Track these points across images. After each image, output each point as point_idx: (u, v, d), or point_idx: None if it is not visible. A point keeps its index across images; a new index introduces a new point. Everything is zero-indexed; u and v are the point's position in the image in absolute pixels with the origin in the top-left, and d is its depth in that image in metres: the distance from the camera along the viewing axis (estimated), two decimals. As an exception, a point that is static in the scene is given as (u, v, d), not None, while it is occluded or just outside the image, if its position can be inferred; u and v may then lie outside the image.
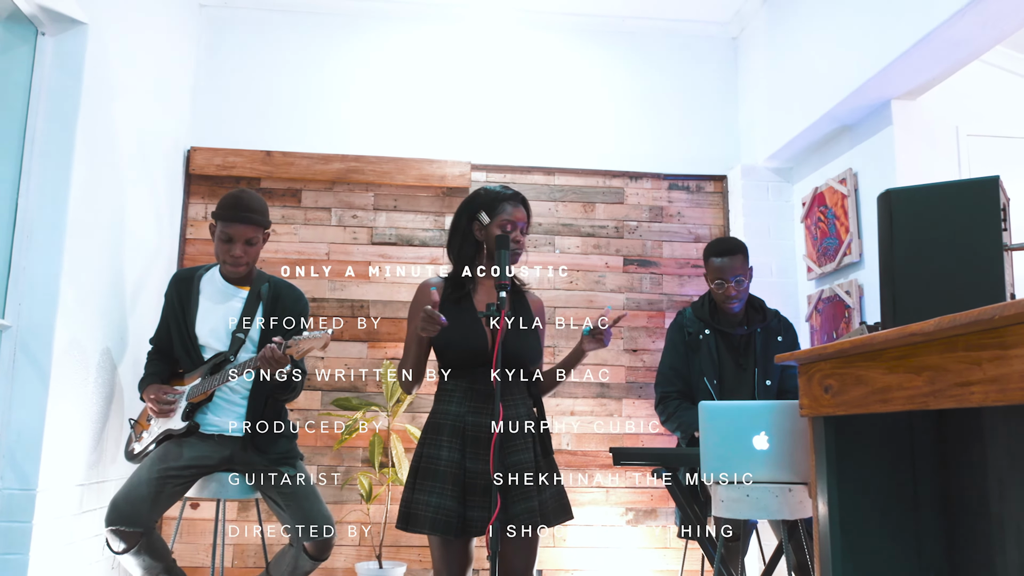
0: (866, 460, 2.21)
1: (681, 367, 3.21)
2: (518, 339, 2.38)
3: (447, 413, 2.32)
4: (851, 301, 3.67)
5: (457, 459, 2.26)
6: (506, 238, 2.28)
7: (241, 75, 4.38)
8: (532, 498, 2.25)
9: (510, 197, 2.43)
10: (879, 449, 2.24)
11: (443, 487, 2.23)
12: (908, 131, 3.47)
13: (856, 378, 1.95)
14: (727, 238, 3.26)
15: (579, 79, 4.57)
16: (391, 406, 3.93)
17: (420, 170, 4.28)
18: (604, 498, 4.20)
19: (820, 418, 2.16)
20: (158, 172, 3.87)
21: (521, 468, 2.28)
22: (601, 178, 4.47)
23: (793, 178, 4.37)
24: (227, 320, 2.93)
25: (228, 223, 2.84)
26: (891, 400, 1.82)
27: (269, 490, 2.91)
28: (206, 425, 2.89)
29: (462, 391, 2.32)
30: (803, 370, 2.19)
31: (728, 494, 2.54)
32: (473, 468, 2.25)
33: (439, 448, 2.28)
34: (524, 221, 2.44)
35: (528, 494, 2.27)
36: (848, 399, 1.99)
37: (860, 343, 1.84)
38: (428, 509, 2.22)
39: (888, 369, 1.81)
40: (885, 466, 2.24)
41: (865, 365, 1.90)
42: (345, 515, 4.05)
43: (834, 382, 2.07)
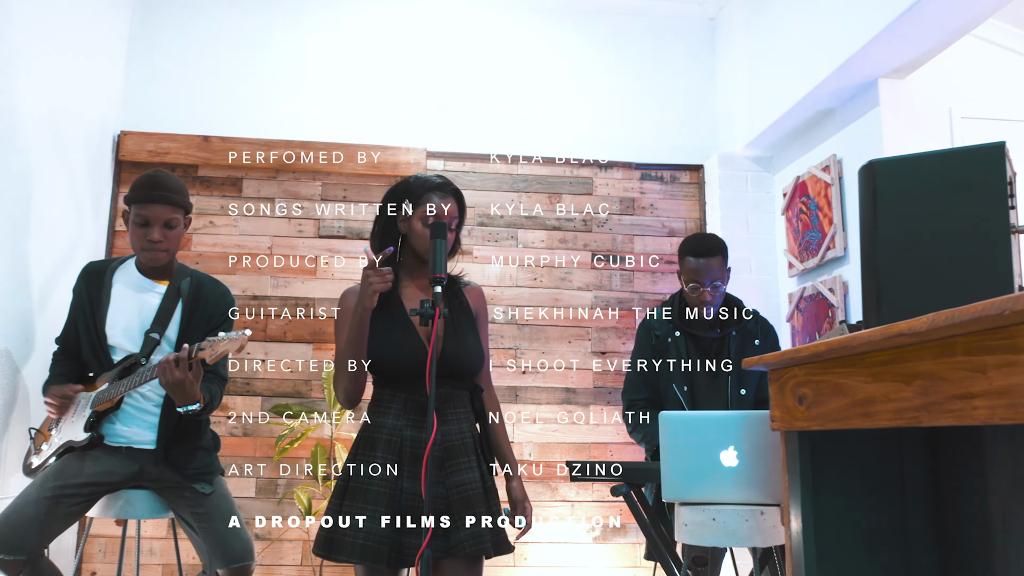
0: (847, 480, 1.96)
1: (649, 373, 3.03)
2: (457, 343, 2.13)
3: (382, 426, 2.09)
4: (835, 299, 3.42)
5: (392, 477, 2.03)
6: (442, 226, 2.00)
7: (177, 53, 4.11)
8: (484, 520, 2.05)
9: (438, 187, 2.17)
10: (863, 467, 1.99)
11: (375, 509, 2.00)
12: (896, 113, 3.24)
13: (834, 387, 1.68)
14: (706, 236, 3.04)
15: (544, 61, 4.34)
16: (335, 413, 3.64)
17: (372, 157, 4.04)
18: (569, 512, 3.95)
19: (794, 433, 1.89)
20: (79, 158, 3.57)
21: (465, 489, 2.06)
22: (568, 167, 4.24)
23: (774, 167, 4.17)
24: (141, 317, 2.65)
25: (143, 204, 2.57)
26: (875, 414, 1.53)
27: (181, 510, 2.63)
28: (113, 436, 2.60)
29: (400, 402, 2.10)
30: (774, 377, 1.95)
31: (692, 517, 2.27)
32: (411, 488, 2.02)
33: (372, 465, 2.06)
34: (455, 216, 2.17)
35: (480, 516, 2.05)
36: (825, 412, 1.72)
37: (838, 345, 1.55)
38: (357, 535, 1.98)
39: (872, 377, 1.54)
40: (869, 487, 1.99)
41: (844, 372, 1.64)
42: (285, 532, 3.75)
43: (809, 391, 1.79)
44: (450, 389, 2.11)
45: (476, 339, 2.19)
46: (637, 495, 2.63)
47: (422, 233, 2.11)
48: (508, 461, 2.23)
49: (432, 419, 1.81)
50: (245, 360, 3.87)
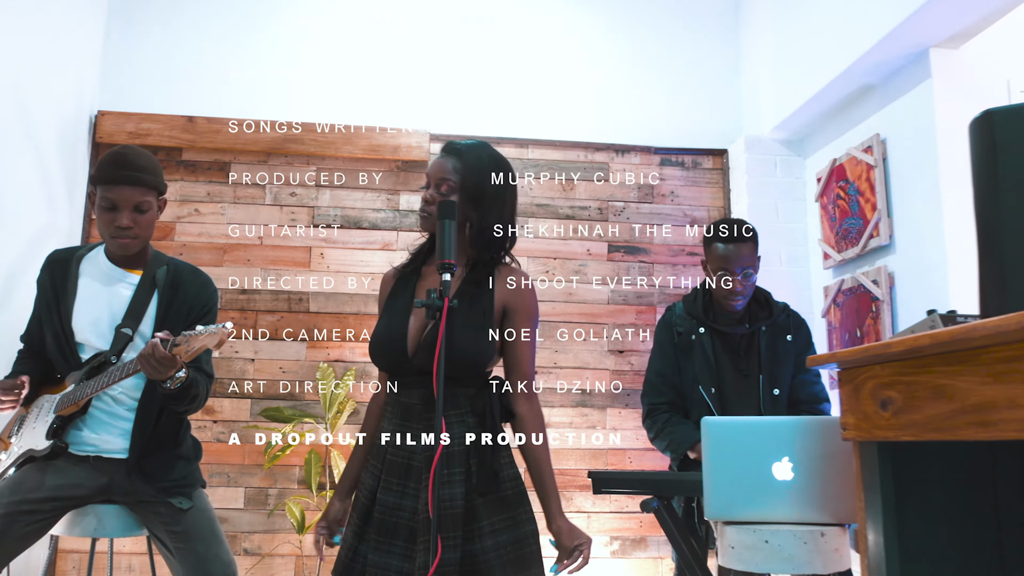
0: (933, 498, 1.66)
1: (671, 374, 2.83)
2: (461, 335, 1.82)
3: (381, 429, 1.92)
4: (879, 292, 3.14)
5: (371, 486, 1.86)
6: (449, 205, 1.76)
7: (159, 27, 3.88)
8: (453, 547, 1.75)
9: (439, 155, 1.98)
10: (949, 483, 1.69)
11: (353, 518, 1.87)
12: (950, 86, 2.98)
13: (935, 389, 1.41)
14: (734, 220, 2.82)
15: (557, 37, 4.12)
16: (330, 417, 3.37)
17: (371, 141, 3.81)
18: (585, 525, 3.69)
19: (872, 443, 1.61)
20: (49, 140, 3.32)
21: (443, 506, 1.77)
22: (582, 151, 4.01)
23: (805, 151, 3.94)
24: (111, 311, 2.40)
25: (109, 186, 2.31)
26: (996, 423, 1.27)
27: (155, 528, 2.37)
28: (80, 444, 2.34)
29: (392, 402, 1.90)
30: (847, 377, 1.65)
31: (740, 539, 2.00)
32: (384, 500, 1.81)
33: (368, 472, 1.90)
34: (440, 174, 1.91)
35: (448, 542, 1.75)
36: (920, 419, 1.45)
37: (950, 337, 1.27)
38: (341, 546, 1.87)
39: (993, 377, 1.27)
40: (958, 507, 1.74)
41: (951, 371, 1.37)
42: (277, 546, 3.49)
43: (897, 395, 1.51)
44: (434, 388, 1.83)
45: (481, 335, 1.87)
46: (667, 509, 2.39)
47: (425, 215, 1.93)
48: (548, 496, 1.88)
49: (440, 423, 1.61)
50: (233, 359, 3.60)
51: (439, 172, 1.90)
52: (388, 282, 2.01)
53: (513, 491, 1.86)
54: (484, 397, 1.89)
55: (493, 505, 1.82)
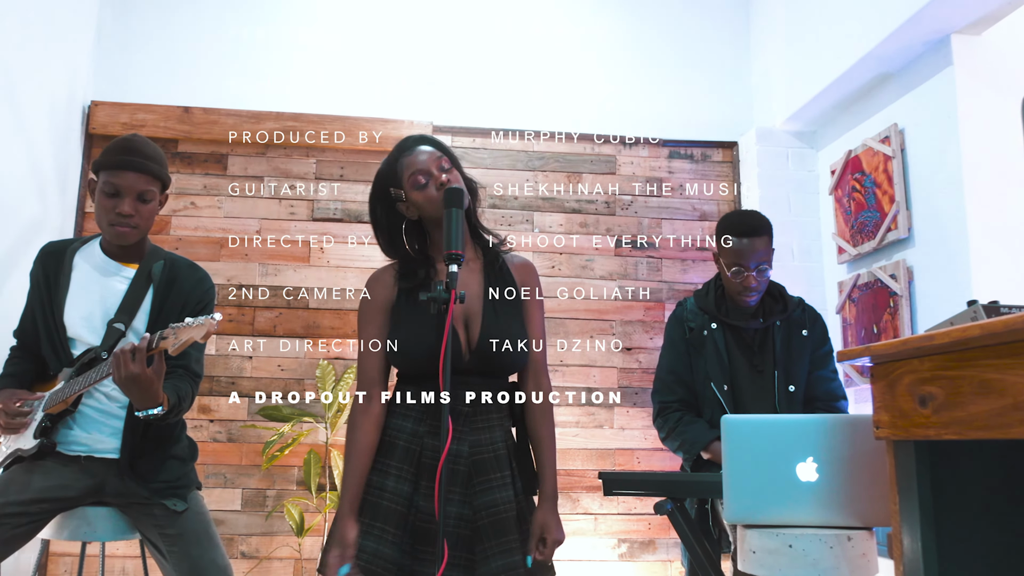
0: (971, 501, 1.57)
1: (682, 371, 2.74)
2: (498, 330, 1.81)
3: (401, 430, 1.84)
4: (898, 287, 3.05)
5: (406, 493, 1.77)
6: (457, 193, 1.71)
7: (155, 15, 3.80)
8: (513, 551, 1.73)
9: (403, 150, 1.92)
10: (990, 484, 1.60)
11: (383, 528, 1.74)
12: (972, 74, 2.88)
13: (981, 384, 1.34)
14: (749, 212, 2.74)
15: (563, 26, 4.04)
16: (330, 416, 3.29)
17: (372, 131, 3.73)
18: (592, 527, 3.60)
19: (908, 443, 1.51)
20: (41, 130, 3.23)
21: (496, 510, 1.74)
22: (589, 144, 3.93)
23: (819, 143, 3.86)
24: (104, 305, 2.31)
25: (114, 171, 2.23)
26: None
27: (148, 531, 2.29)
28: (70, 444, 2.26)
29: (421, 404, 1.83)
30: (880, 372, 1.56)
31: (762, 543, 1.92)
32: (427, 507, 1.75)
33: (386, 476, 1.80)
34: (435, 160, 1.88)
35: (508, 546, 1.72)
36: (964, 416, 1.37)
37: (1003, 328, 1.18)
38: (360, 556, 1.73)
39: None
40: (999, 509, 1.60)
41: (1002, 364, 1.30)
42: (275, 549, 3.40)
43: (938, 390, 1.43)
44: (481, 389, 1.79)
45: (521, 326, 1.86)
46: (681, 511, 2.32)
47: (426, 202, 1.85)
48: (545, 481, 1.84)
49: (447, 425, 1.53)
50: (231, 357, 3.51)
51: (435, 160, 1.86)
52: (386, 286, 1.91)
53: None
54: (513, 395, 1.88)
55: (530, 507, 1.83)
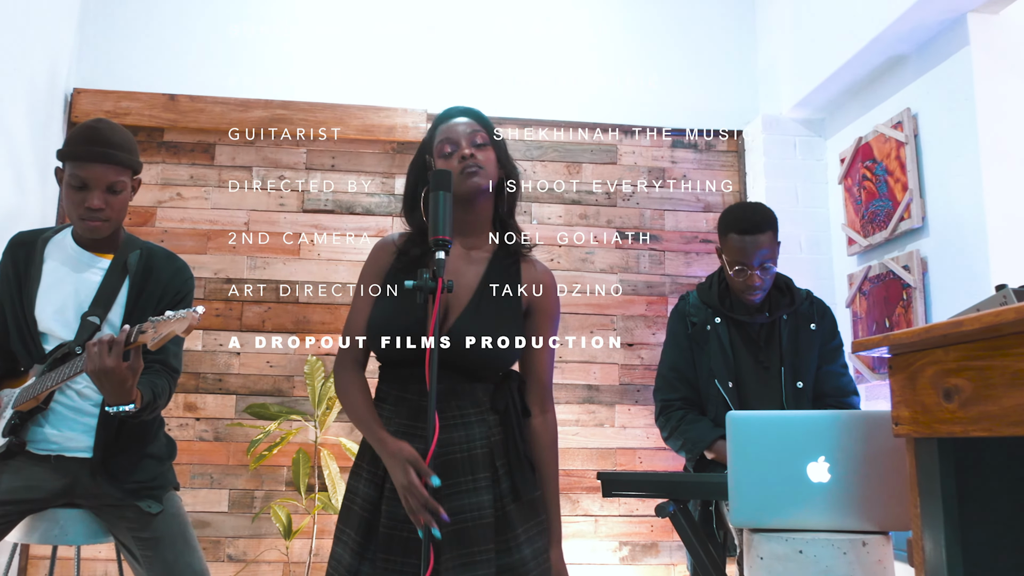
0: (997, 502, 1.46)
1: (685, 367, 2.67)
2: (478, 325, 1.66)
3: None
4: (911, 279, 2.94)
5: (373, 497, 1.65)
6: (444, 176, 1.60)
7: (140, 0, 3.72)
8: (486, 563, 1.57)
9: (444, 117, 1.80)
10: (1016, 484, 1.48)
11: (350, 535, 1.65)
12: (990, 55, 2.77)
13: (1016, 375, 1.21)
14: (751, 206, 2.66)
15: (562, 11, 3.96)
16: (319, 414, 3.20)
17: (364, 120, 3.65)
18: (592, 529, 3.50)
19: (932, 440, 1.41)
20: (19, 118, 3.13)
21: (462, 517, 1.59)
22: (589, 132, 3.87)
23: (827, 131, 3.78)
24: (78, 298, 2.23)
25: (80, 163, 2.15)
26: None
27: (121, 534, 2.20)
28: (40, 443, 2.17)
29: (393, 399, 1.70)
30: (900, 364, 1.45)
31: (770, 549, 1.83)
32: (393, 513, 1.60)
33: (359, 479, 1.70)
34: (468, 133, 1.75)
35: (475, 557, 1.57)
36: (997, 411, 1.29)
37: None
38: (332, 566, 1.67)
39: None
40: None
41: None
42: (262, 552, 3.31)
43: (965, 383, 1.32)
44: (453, 384, 1.64)
45: (508, 326, 1.70)
46: (684, 514, 2.23)
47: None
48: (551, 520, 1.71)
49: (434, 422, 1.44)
50: (217, 353, 3.42)
51: (468, 133, 1.73)
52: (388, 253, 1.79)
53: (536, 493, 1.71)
54: (504, 392, 1.71)
55: (524, 510, 1.66)
